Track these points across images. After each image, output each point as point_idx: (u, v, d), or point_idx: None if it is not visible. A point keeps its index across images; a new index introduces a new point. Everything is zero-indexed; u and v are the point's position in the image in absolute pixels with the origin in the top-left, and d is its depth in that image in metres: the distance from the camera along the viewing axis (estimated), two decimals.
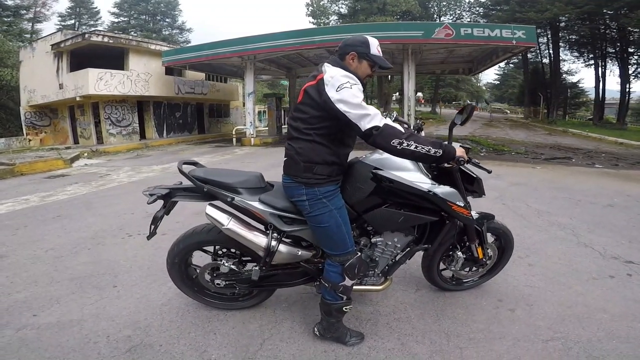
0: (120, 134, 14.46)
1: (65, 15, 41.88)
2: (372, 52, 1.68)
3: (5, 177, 7.82)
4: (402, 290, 2.45)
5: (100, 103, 13.82)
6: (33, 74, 15.07)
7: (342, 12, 31.74)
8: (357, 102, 1.52)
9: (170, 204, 1.92)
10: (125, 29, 41.58)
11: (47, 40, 14.62)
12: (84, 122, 14.74)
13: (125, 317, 2.16)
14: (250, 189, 1.87)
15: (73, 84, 13.13)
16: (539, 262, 2.90)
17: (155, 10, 44.39)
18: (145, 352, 1.84)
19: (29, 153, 11.62)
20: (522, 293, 2.40)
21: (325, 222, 1.69)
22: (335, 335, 1.86)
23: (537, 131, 19.87)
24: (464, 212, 1.89)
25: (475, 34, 9.63)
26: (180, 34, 45.99)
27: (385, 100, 28.05)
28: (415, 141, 1.54)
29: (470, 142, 12.87)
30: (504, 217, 4.07)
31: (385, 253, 1.96)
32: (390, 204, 1.86)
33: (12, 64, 17.87)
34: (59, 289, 2.54)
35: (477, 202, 4.36)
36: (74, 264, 3.00)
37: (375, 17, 26.00)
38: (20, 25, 31.06)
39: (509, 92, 48.75)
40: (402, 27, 10.45)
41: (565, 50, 29.09)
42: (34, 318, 2.17)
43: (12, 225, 4.17)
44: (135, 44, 14.21)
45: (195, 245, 2.05)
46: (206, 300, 2.18)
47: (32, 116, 15.69)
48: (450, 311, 2.19)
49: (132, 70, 13.94)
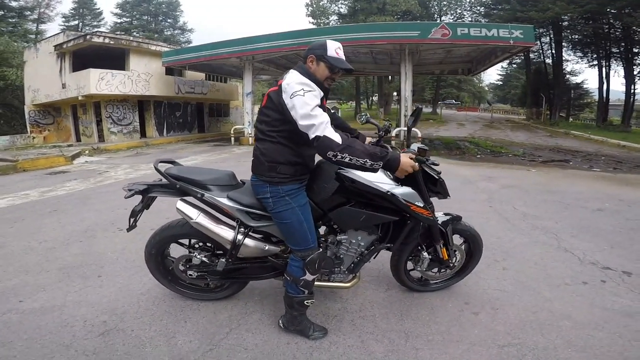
0: (121, 132, 14.66)
1: (69, 16, 42.22)
2: (329, 54, 1.73)
3: (8, 173, 8.02)
4: (373, 289, 2.50)
5: (102, 102, 14.02)
6: (37, 74, 15.32)
7: (342, 12, 31.68)
8: (306, 111, 1.57)
9: (148, 199, 2.03)
10: (128, 29, 41.77)
11: (50, 41, 14.83)
12: (86, 120, 14.98)
13: (104, 305, 2.28)
14: (221, 186, 1.98)
15: (75, 84, 13.35)
16: (513, 266, 2.90)
17: (157, 10, 44.62)
18: (117, 335, 1.95)
19: (32, 150, 11.82)
20: (490, 297, 2.41)
21: (287, 218, 1.78)
22: (299, 328, 1.95)
23: (538, 133, 19.75)
24: (424, 213, 1.95)
25: (472, 34, 9.63)
26: (182, 34, 46.20)
27: (385, 100, 28.06)
28: (350, 153, 1.56)
29: (468, 144, 12.90)
30: (489, 219, 4.14)
31: (349, 251, 2.04)
32: (354, 203, 1.94)
33: (17, 64, 18.08)
34: (47, 278, 2.67)
35: (461, 203, 4.45)
36: (64, 255, 3.13)
37: (375, 17, 25.84)
38: (24, 26, 31.30)
39: (511, 93, 48.42)
40: (398, 27, 10.47)
41: (569, 50, 28.71)
42: (20, 303, 2.29)
43: (11, 219, 4.32)
44: (135, 44, 14.38)
45: (170, 238, 2.16)
46: (181, 290, 2.29)
47: (36, 114, 15.94)
48: (415, 312, 2.23)
49: (133, 70, 14.12)
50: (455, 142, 13.49)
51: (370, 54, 13.39)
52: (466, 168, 7.91)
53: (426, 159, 1.90)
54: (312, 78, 1.72)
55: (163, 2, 44.72)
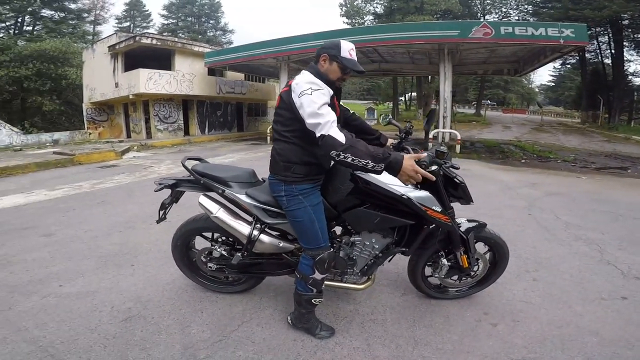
0: (167, 130, 15.55)
1: (121, 17, 45.34)
2: (343, 54, 1.75)
3: (66, 166, 8.83)
4: (388, 293, 2.48)
5: (150, 101, 14.96)
6: (93, 74, 16.62)
7: (378, 12, 31.20)
8: (313, 109, 1.59)
9: (176, 193, 2.17)
10: (174, 30, 44.02)
11: (104, 42, 16.03)
12: (136, 118, 16.06)
13: (132, 292, 2.46)
14: (241, 183, 2.06)
15: (127, 83, 14.34)
16: (546, 277, 2.75)
17: (200, 12, 46.59)
18: (138, 322, 2.10)
19: (88, 145, 12.89)
20: (513, 308, 2.31)
21: (299, 217, 1.82)
22: (306, 326, 1.99)
23: (594, 137, 18.25)
24: (442, 218, 1.90)
25: (517, 33, 9.12)
26: (223, 35, 47.85)
27: (425, 101, 27.29)
28: (352, 154, 1.56)
29: (513, 147, 12.22)
30: (525, 228, 3.93)
31: (363, 252, 2.03)
32: (369, 205, 1.93)
33: (77, 64, 19.52)
34: (87, 265, 2.93)
35: (496, 210, 4.26)
36: (105, 244, 3.41)
37: (413, 16, 25.14)
38: (82, 28, 33.76)
39: (564, 94, 45.14)
40: (436, 27, 10.16)
41: (631, 50, 26.37)
42: (60, 288, 2.53)
43: (64, 208, 4.76)
44: (180, 45, 15.16)
45: (194, 231, 2.29)
46: (201, 281, 2.42)
47: (92, 112, 17.36)
48: (429, 319, 2.18)
49: (178, 70, 14.91)
50: (499, 145, 12.83)
51: (407, 54, 13.12)
52: (508, 173, 7.52)
53: (444, 161, 1.85)
54: (323, 77, 1.75)
55: (205, 3, 46.55)
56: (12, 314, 2.19)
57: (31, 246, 3.34)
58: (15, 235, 3.66)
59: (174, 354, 1.83)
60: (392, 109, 31.15)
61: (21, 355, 1.81)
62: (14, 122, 17.81)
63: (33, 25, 28.60)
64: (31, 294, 2.43)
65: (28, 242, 3.46)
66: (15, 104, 21.68)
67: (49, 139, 15.53)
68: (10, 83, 19.48)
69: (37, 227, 3.94)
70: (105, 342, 1.93)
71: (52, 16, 29.59)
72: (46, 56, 19.68)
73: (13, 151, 12.05)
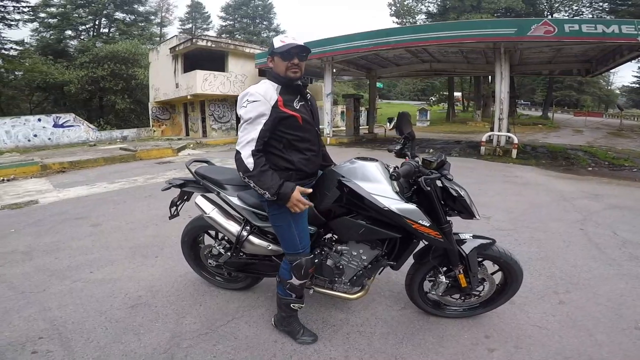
0: (220, 129, 16.52)
1: (184, 19, 48.47)
2: (276, 46, 1.78)
3: (128, 161, 9.84)
4: (387, 305, 2.41)
5: (206, 101, 15.99)
6: (158, 74, 18.11)
7: (431, 11, 29.82)
8: (242, 123, 1.74)
9: (184, 193, 2.35)
10: (232, 32, 46.06)
11: (167, 44, 17.32)
12: (194, 117, 17.28)
13: (147, 281, 2.71)
14: (235, 185, 2.16)
15: (185, 84, 15.46)
16: (576, 301, 2.47)
17: (255, 13, 48.14)
18: (142, 309, 2.32)
19: (150, 142, 14.19)
20: (521, 333, 2.11)
21: (278, 222, 1.86)
22: (287, 329, 2.03)
23: None
24: (430, 233, 1.81)
25: (584, 31, 8.21)
26: (276, 35, 48.93)
27: (484, 102, 25.65)
28: (255, 182, 1.72)
29: (582, 153, 11.02)
30: (570, 243, 3.55)
31: (351, 262, 2.00)
32: (356, 214, 1.90)
33: (145, 65, 21.29)
34: (119, 254, 3.26)
35: (540, 222, 3.92)
36: (139, 236, 3.76)
37: (469, 15, 23.63)
38: (150, 30, 36.52)
39: None
40: (490, 25, 9.50)
41: None
42: (90, 274, 2.86)
43: (116, 201, 5.32)
44: (232, 47, 15.93)
45: (199, 228, 2.46)
46: (205, 275, 2.59)
47: (157, 111, 19.01)
48: (420, 337, 2.08)
49: (231, 71, 15.74)
50: (565, 150, 11.63)
51: (460, 53, 12.48)
52: (566, 182, 6.79)
53: (432, 171, 1.75)
54: (276, 77, 1.82)
55: (259, 4, 48.10)
56: (44, 295, 2.53)
57: (79, 235, 3.81)
58: (69, 224, 4.20)
59: (161, 341, 1.99)
60: (447, 110, 29.77)
61: (35, 332, 2.10)
62: (92, 119, 20.17)
63: (108, 28, 31.71)
64: (65, 278, 2.78)
65: (78, 231, 3.94)
66: (94, 102, 24.40)
67: (119, 136, 17.36)
68: (89, 83, 21.89)
69: (89, 217, 4.46)
70: (108, 325, 2.16)
71: (124, 19, 32.51)
72: (118, 57, 21.84)
73: (89, 146, 13.70)
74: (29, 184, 6.83)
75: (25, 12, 21.81)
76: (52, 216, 4.53)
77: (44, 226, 4.12)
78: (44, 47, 26.16)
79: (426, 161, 1.81)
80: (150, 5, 36.47)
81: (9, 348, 1.96)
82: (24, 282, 2.73)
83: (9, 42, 21.64)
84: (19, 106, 24.19)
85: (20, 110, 22.72)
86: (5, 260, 3.14)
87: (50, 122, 15.33)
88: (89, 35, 29.90)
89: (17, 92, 23.17)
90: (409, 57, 13.65)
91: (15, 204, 5.20)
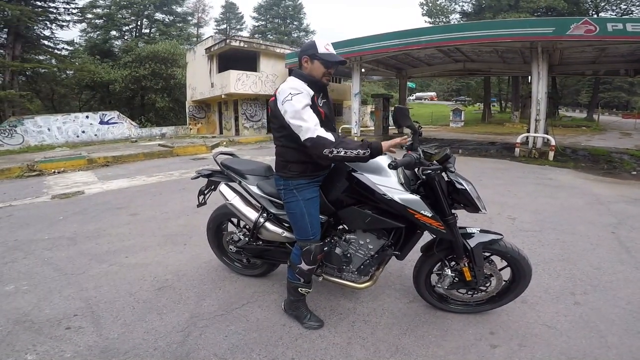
0: (252, 127, 17.02)
1: (219, 20, 49.71)
2: (320, 51, 1.85)
3: (166, 157, 10.45)
4: (395, 297, 2.48)
5: (239, 100, 16.53)
6: (195, 74, 18.91)
7: (466, 11, 28.62)
8: (295, 114, 1.74)
9: (211, 182, 2.58)
10: (264, 32, 46.75)
11: (202, 45, 18.02)
12: (227, 116, 17.91)
13: (175, 266, 2.96)
14: (255, 176, 2.36)
15: (220, 83, 16.04)
16: (593, 302, 2.42)
17: (285, 13, 48.50)
18: (167, 291, 2.55)
19: (187, 140, 14.91)
20: (527, 332, 2.10)
21: (292, 209, 2.00)
22: (295, 313, 2.18)
23: None
24: (432, 223, 1.87)
25: (629, 30, 7.68)
26: (306, 35, 49.04)
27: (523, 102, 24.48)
28: (344, 147, 1.70)
29: (628, 157, 10.31)
30: (598, 246, 3.42)
31: (359, 251, 2.10)
32: (364, 204, 2.00)
33: (183, 64, 22.07)
34: (152, 241, 3.56)
35: (569, 225, 3.87)
36: (172, 225, 4.06)
37: (506, 14, 22.39)
38: (187, 30, 37.68)
39: None
40: (527, 24, 9.08)
41: None
42: (125, 259, 3.16)
43: (153, 192, 5.74)
44: (264, 47, 16.34)
45: (223, 216, 2.67)
46: (226, 262, 2.80)
47: (193, 109, 19.87)
48: (424, 330, 2.13)
49: (262, 71, 16.17)
50: (609, 153, 10.92)
51: (495, 53, 12.06)
52: (604, 186, 6.43)
53: (433, 164, 1.82)
54: (309, 78, 1.89)
55: (289, 5, 48.43)
56: (83, 277, 2.83)
57: (118, 223, 4.18)
58: (111, 213, 4.61)
59: (180, 321, 2.20)
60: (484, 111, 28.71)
61: (72, 310, 2.36)
62: (134, 117, 21.41)
63: (150, 28, 33.13)
64: (103, 262, 3.09)
65: (117, 219, 4.32)
66: (136, 101, 25.87)
67: (158, 133, 18.35)
68: (132, 82, 23.18)
69: (128, 207, 4.86)
70: (135, 305, 2.40)
71: (163, 19, 33.90)
72: (159, 57, 22.92)
73: (130, 142, 14.65)
74: (77, 176, 7.50)
75: (74, 13, 23.16)
76: (96, 205, 4.98)
77: (88, 214, 4.55)
78: (92, 47, 27.72)
79: (427, 153, 1.87)
80: (187, 6, 37.87)
81: (46, 324, 2.20)
82: (68, 264, 3.06)
83: (60, 42, 23.20)
84: (69, 104, 26.04)
85: (70, 108, 24.47)
86: (54, 245, 3.53)
87: (96, 119, 16.51)
88: (132, 36, 31.48)
89: (68, 90, 24.86)
90: (440, 56, 13.34)
91: (64, 194, 5.75)
